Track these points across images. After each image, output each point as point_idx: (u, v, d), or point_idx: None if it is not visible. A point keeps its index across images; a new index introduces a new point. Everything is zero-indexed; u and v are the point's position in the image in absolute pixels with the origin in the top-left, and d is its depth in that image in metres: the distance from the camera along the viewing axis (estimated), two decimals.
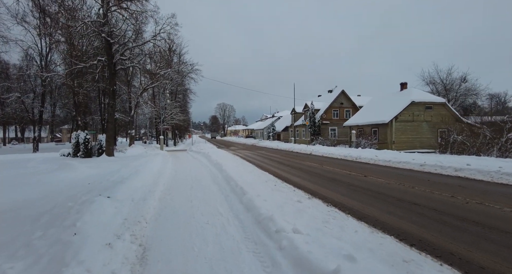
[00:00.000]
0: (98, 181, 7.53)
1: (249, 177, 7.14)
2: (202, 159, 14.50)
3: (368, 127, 24.32)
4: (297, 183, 7.10)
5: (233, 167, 9.31)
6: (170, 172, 9.77)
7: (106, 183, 7.01)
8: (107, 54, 15.57)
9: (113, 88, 15.81)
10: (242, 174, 7.73)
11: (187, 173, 9.49)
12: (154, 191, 6.45)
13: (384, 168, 10.66)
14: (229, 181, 6.84)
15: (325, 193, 5.90)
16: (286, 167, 10.93)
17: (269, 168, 10.46)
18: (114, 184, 6.75)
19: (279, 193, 5.37)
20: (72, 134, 17.11)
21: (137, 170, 9.17)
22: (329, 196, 5.66)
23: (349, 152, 16.92)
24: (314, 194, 5.75)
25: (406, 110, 21.73)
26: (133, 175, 8.11)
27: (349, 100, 35.98)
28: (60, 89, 39.28)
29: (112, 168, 10.46)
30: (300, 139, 38.78)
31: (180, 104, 39.63)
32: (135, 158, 14.62)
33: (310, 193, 5.80)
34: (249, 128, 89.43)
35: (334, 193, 5.93)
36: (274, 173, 9.05)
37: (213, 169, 9.94)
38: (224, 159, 12.62)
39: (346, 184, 7.20)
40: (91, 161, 13.85)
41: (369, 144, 21.36)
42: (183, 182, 7.80)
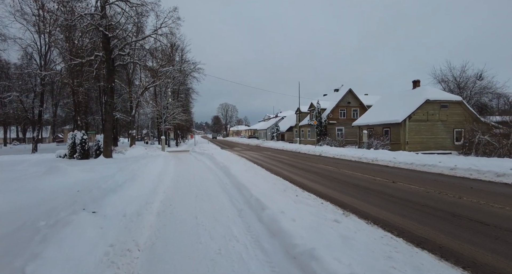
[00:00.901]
0: (88, 188, 6.52)
1: (263, 184, 6.09)
2: (207, 161, 13.47)
3: (379, 127, 23.18)
4: (321, 192, 6.03)
5: (242, 171, 8.27)
6: (172, 177, 8.75)
7: (97, 192, 6.00)
8: (105, 49, 14.61)
9: (111, 85, 14.85)
10: (254, 180, 6.69)
11: (191, 178, 8.46)
12: (152, 202, 5.43)
13: (409, 172, 9.57)
14: (241, 189, 5.79)
15: (360, 206, 4.85)
16: (300, 171, 9.87)
17: (282, 172, 9.41)
18: (106, 192, 5.74)
19: (305, 207, 4.32)
20: (68, 135, 16.18)
21: (134, 174, 8.16)
22: (367, 211, 4.60)
23: (362, 153, 15.82)
24: (347, 208, 4.69)
25: (420, 109, 20.57)
26: (129, 181, 7.10)
27: (356, 99, 34.83)
28: (61, 89, 38.53)
29: (107, 172, 9.47)
30: (305, 140, 37.68)
31: (182, 104, 38.68)
32: (135, 160, 13.64)
33: (342, 207, 4.74)
34: (252, 128, 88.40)
35: (371, 206, 4.87)
36: (290, 178, 7.99)
37: (220, 173, 8.90)
38: (230, 161, 11.59)
39: (377, 192, 6.13)
40: (87, 163, 12.88)
41: (381, 144, 20.24)
42: (186, 189, 6.77)
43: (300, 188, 6.34)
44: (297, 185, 6.79)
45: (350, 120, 34.10)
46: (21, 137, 63.12)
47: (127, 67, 24.37)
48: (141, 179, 7.66)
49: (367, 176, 8.60)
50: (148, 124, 65.08)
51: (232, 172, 7.96)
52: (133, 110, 29.03)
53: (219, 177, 8.30)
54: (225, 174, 8.47)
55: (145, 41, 17.40)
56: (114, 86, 14.92)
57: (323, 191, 6.15)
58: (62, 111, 49.60)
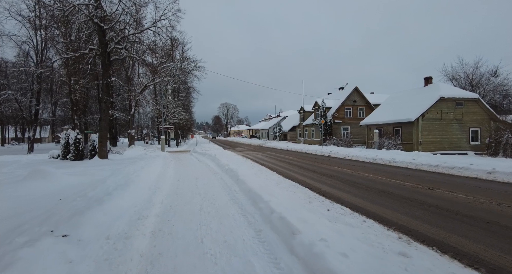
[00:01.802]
0: (72, 197, 5.48)
1: (280, 193, 5.04)
2: (209, 162, 12.43)
3: (390, 126, 22.10)
4: (353, 204, 4.95)
5: (251, 175, 7.22)
6: (171, 182, 7.70)
7: (80, 202, 4.96)
8: (100, 42, 13.57)
9: (107, 81, 13.81)
10: (267, 186, 5.63)
11: (193, 183, 7.41)
12: (147, 216, 4.38)
13: (437, 175, 8.50)
14: (255, 199, 4.74)
15: (413, 226, 3.77)
16: (315, 175, 8.81)
17: (296, 177, 8.35)
18: (91, 203, 4.71)
19: (347, 228, 3.27)
20: (62, 134, 15.15)
21: (128, 179, 7.12)
22: (427, 233, 3.53)
23: (375, 154, 14.76)
24: (399, 229, 3.63)
25: (434, 107, 19.48)
26: (122, 187, 6.06)
27: (362, 97, 33.74)
28: (60, 87, 37.56)
29: (99, 176, 8.44)
30: (309, 139, 36.61)
31: (182, 103, 37.64)
32: (132, 162, 12.60)
33: (392, 227, 3.67)
34: (253, 128, 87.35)
35: (426, 226, 3.80)
36: (308, 185, 6.93)
37: (226, 178, 7.85)
38: (236, 163, 10.54)
39: (419, 203, 5.07)
40: (79, 164, 11.84)
41: (392, 145, 19.15)
42: (188, 198, 5.72)
43: (325, 197, 5.28)
44: (320, 193, 5.72)
45: (356, 119, 33.03)
46: (19, 136, 62.23)
47: (125, 63, 23.32)
48: (136, 184, 6.63)
49: (394, 181, 7.53)
50: (148, 123, 64.11)
51: (241, 177, 6.90)
52: (132, 109, 28.04)
53: (226, 182, 7.24)
54: (232, 179, 7.41)
55: (143, 34, 16.37)
56: (111, 83, 13.88)
57: (355, 202, 5.09)
58: (61, 110, 48.66)
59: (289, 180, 7.08)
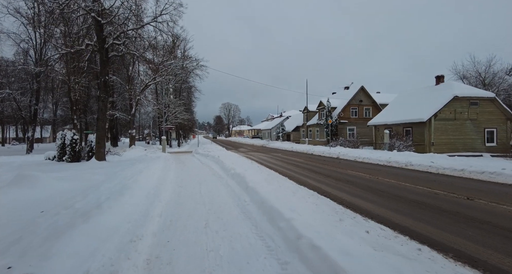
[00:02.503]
0: (56, 208, 4.71)
1: (302, 208, 4.23)
2: (213, 165, 11.64)
3: (399, 126, 21.23)
4: (391, 221, 4.07)
5: (261, 182, 6.42)
6: (172, 189, 6.92)
7: (64, 216, 4.19)
8: (98, 37, 12.82)
9: (105, 79, 13.05)
10: (284, 198, 4.83)
11: (196, 190, 6.62)
12: (141, 236, 3.59)
13: (468, 182, 7.65)
14: (273, 216, 3.93)
15: (492, 259, 2.97)
16: (331, 181, 8.00)
17: (313, 184, 7.54)
18: (75, 219, 3.94)
19: (407, 264, 2.46)
20: (58, 134, 14.42)
21: (124, 185, 6.35)
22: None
23: (388, 156, 13.92)
24: (478, 264, 2.81)
25: (447, 107, 18.59)
26: (116, 196, 5.29)
27: (369, 97, 32.85)
28: (61, 87, 36.95)
29: (93, 181, 7.67)
30: (313, 140, 35.77)
31: (184, 102, 36.90)
32: (130, 164, 11.85)
33: (467, 261, 2.84)
34: (255, 128, 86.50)
35: (500, 256, 3.00)
36: (329, 194, 6.11)
37: (233, 184, 7.04)
38: (241, 166, 9.74)
39: (468, 219, 4.25)
40: (74, 167, 11.08)
41: (404, 146, 18.29)
42: (191, 211, 4.93)
43: (355, 212, 4.45)
44: (346, 205, 4.90)
45: (363, 119, 32.17)
46: (21, 136, 61.83)
47: (125, 61, 22.57)
48: (132, 192, 5.85)
49: (421, 188, 6.71)
50: (149, 123, 63.45)
51: (250, 183, 6.10)
52: (133, 108, 27.33)
53: (233, 189, 6.45)
54: (239, 186, 6.61)
55: (143, 30, 15.62)
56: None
57: (391, 218, 4.26)
58: (62, 110, 48.11)
59: (305, 188, 6.26)
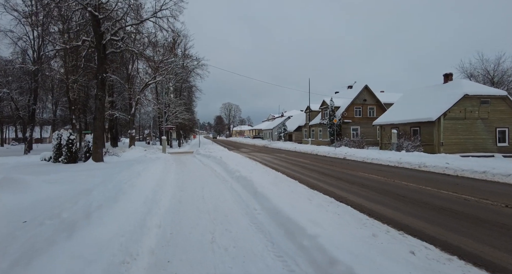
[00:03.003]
0: (41, 218, 4.12)
1: (324, 219, 3.63)
2: (215, 166, 11.05)
3: (407, 126, 20.61)
4: (435, 238, 3.48)
5: (270, 186, 5.83)
6: (172, 193, 6.33)
7: (46, 228, 3.61)
8: (95, 32, 12.25)
9: (102, 76, 12.48)
10: (300, 206, 4.24)
11: (199, 195, 6.03)
12: (136, 256, 2.99)
13: (494, 185, 7.04)
14: (291, 230, 3.34)
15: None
16: (345, 184, 7.40)
17: (326, 188, 6.94)
18: (58, 233, 3.36)
19: None
20: (54, 134, 13.85)
21: (120, 189, 5.77)
22: None
23: (399, 157, 13.31)
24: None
25: (457, 106, 17.98)
26: (109, 203, 4.71)
27: (373, 96, 32.23)
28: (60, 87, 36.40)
29: (87, 184, 7.08)
30: (316, 140, 35.16)
31: (185, 102, 36.33)
32: (129, 165, 11.26)
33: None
34: (256, 128, 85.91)
35: None
36: (347, 200, 5.51)
37: (239, 189, 6.45)
38: (246, 168, 9.15)
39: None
40: (69, 169, 10.49)
41: (412, 146, 17.67)
42: (194, 221, 4.34)
43: (385, 224, 3.84)
44: (372, 215, 4.28)
45: (366, 119, 31.58)
46: (20, 137, 61.33)
47: (124, 59, 22.00)
48: (128, 197, 5.26)
49: (446, 193, 6.11)
50: (150, 123, 62.90)
51: (259, 189, 5.51)
52: (133, 108, 26.77)
53: (239, 194, 5.85)
54: (246, 190, 6.02)
55: (142, 26, 15.04)
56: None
57: (430, 232, 3.65)
58: (61, 110, 47.61)
59: (319, 193, 5.66)
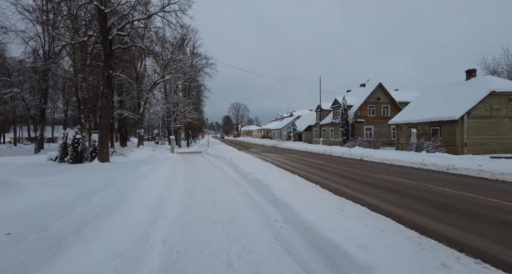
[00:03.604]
0: (25, 232, 3.52)
1: (369, 239, 2.89)
2: (226, 168, 10.38)
3: (425, 125, 19.47)
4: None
5: (291, 192, 5.10)
6: (180, 199, 5.67)
7: (31, 243, 2.99)
8: (101, 27, 11.78)
9: (108, 73, 12.01)
10: (334, 219, 3.50)
11: (209, 201, 5.35)
12: None
13: None
14: (329, 253, 2.60)
15: None
16: (372, 190, 6.59)
17: (352, 194, 6.16)
18: (39, 255, 2.73)
19: None
20: (59, 133, 13.51)
21: (123, 195, 5.16)
22: None
23: (422, 158, 12.33)
24: None
25: (482, 103, 16.78)
26: (108, 211, 4.09)
27: (387, 95, 30.99)
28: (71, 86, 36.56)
29: (88, 187, 6.51)
30: (328, 140, 34.13)
31: (193, 101, 35.93)
32: (135, 166, 10.74)
33: None
34: (265, 128, 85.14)
35: None
36: (383, 210, 4.72)
37: (254, 194, 5.72)
38: (259, 170, 8.44)
39: None
40: (72, 170, 10.02)
41: (433, 146, 16.57)
42: (206, 235, 3.65)
43: (446, 244, 3.06)
44: (424, 233, 3.49)
45: (380, 118, 30.39)
46: (33, 136, 62.40)
47: (132, 56, 21.61)
48: (130, 205, 4.62)
49: (496, 201, 5.24)
50: (159, 123, 63.02)
51: (278, 194, 4.79)
52: (141, 107, 26.51)
53: (256, 201, 5.14)
54: (264, 197, 5.29)
55: (150, 22, 14.54)
56: (113, 75, 12.09)
57: (504, 257, 2.89)
58: (72, 110, 48.09)
59: (349, 201, 4.88)
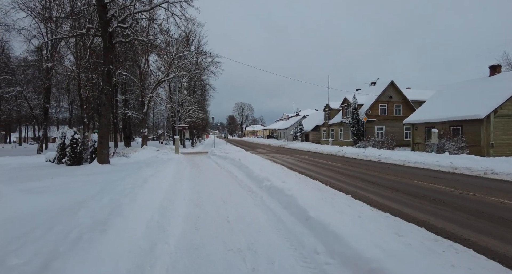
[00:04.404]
0: None
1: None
2: (235, 171, 9.42)
3: (445, 124, 18.23)
4: None
5: (321, 204, 4.11)
6: (185, 212, 4.71)
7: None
8: (100, 19, 10.92)
9: (108, 68, 11.15)
10: (397, 250, 2.51)
11: (222, 218, 4.38)
12: None
13: None
14: None
15: None
16: (412, 200, 5.56)
17: (393, 207, 5.14)
18: None
19: None
20: (57, 133, 12.72)
21: (117, 206, 4.22)
22: None
23: (449, 160, 11.22)
24: None
25: (510, 101, 15.55)
26: (95, 232, 3.15)
27: (399, 93, 29.70)
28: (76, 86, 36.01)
29: (79, 195, 5.60)
30: (337, 140, 32.97)
31: (198, 100, 35.10)
32: (137, 168, 9.85)
33: None
34: (270, 128, 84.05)
35: None
36: (452, 235, 3.73)
37: (277, 208, 4.70)
38: (274, 174, 7.45)
39: None
40: (68, 173, 9.15)
41: (456, 147, 15.37)
42: (221, 270, 2.68)
43: None
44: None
45: (392, 117, 29.16)
46: (38, 136, 62.39)
47: (135, 53, 20.81)
48: (123, 223, 3.67)
49: None
50: (163, 123, 62.47)
51: (311, 211, 3.80)
52: (145, 107, 25.71)
53: (281, 219, 4.13)
54: (290, 213, 4.27)
55: (153, 14, 13.67)
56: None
57: None
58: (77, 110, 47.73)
59: (399, 219, 3.83)
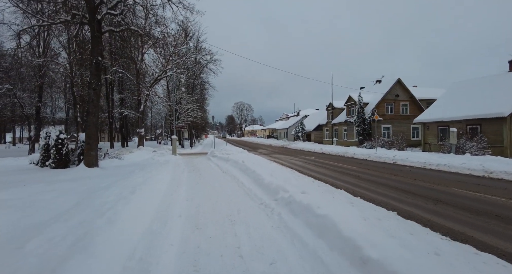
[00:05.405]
0: None
1: None
2: (241, 176, 8.19)
3: (461, 123, 17.09)
4: None
5: (369, 230, 2.92)
6: (181, 240, 3.48)
7: None
8: (87, 3, 9.66)
9: (97, 60, 9.89)
10: None
11: (232, 252, 3.15)
12: None
13: None
14: None
15: None
16: (473, 218, 4.37)
17: (451, 228, 3.95)
18: None
19: None
20: (41, 133, 11.45)
21: (86, 234, 2.98)
22: None
23: (478, 162, 10.06)
24: None
25: None
26: None
27: (406, 91, 28.57)
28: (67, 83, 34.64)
29: (44, 214, 4.36)
30: (341, 140, 31.80)
31: (197, 99, 33.82)
32: (128, 173, 8.62)
33: None
34: (270, 128, 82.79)
35: None
36: None
37: (305, 234, 3.48)
38: (289, 181, 6.24)
39: None
40: (46, 178, 7.87)
41: (478, 148, 14.22)
42: None
43: None
44: None
45: (399, 116, 28.04)
46: (30, 136, 60.92)
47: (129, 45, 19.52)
48: (88, 261, 2.44)
49: None
50: (162, 123, 61.11)
51: (366, 248, 2.59)
52: (141, 105, 24.43)
53: (318, 255, 2.91)
54: (330, 246, 3.03)
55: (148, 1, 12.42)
56: (102, 62, 9.97)
57: None
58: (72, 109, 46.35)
59: (493, 257, 2.69)
